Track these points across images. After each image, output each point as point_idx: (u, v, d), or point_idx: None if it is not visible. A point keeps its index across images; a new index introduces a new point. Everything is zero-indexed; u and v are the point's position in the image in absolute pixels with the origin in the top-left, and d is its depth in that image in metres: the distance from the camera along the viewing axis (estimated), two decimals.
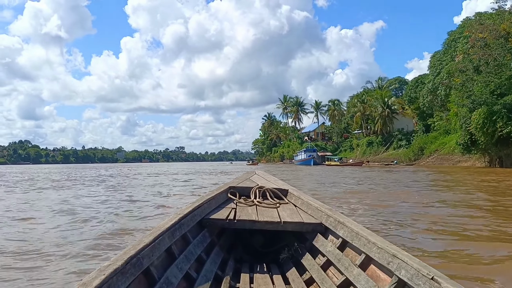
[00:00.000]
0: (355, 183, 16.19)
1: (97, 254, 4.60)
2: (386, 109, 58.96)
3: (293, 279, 2.80)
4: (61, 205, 9.66)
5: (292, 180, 18.15)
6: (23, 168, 77.35)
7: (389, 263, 2.02)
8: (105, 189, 15.17)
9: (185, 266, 2.42)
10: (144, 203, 10.03)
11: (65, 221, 7.08)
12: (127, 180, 22.29)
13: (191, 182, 19.43)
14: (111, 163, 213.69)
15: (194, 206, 3.08)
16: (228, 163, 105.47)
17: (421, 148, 46.10)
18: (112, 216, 7.54)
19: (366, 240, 2.35)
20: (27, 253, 4.70)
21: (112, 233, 5.81)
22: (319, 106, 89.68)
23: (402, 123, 59.66)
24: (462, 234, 5.52)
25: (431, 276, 1.68)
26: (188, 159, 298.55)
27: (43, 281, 3.69)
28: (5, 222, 7.13)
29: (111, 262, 1.72)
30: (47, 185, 18.58)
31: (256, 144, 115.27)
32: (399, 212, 7.61)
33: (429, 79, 42.21)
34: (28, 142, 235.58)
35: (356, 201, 9.74)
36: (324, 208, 3.23)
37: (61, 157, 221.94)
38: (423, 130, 53.39)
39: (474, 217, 6.86)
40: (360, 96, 67.69)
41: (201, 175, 29.19)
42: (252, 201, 3.76)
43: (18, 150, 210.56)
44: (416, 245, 4.85)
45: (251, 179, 4.85)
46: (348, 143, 73.97)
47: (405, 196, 10.70)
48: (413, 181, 16.65)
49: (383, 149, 59.99)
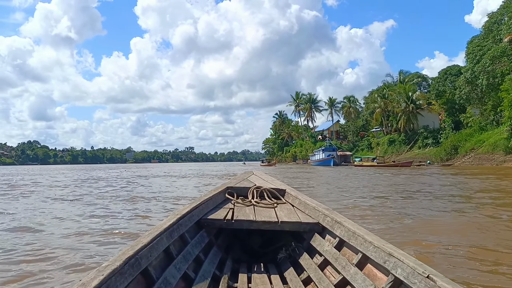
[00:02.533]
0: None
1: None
2: (410, 105, 53.64)
3: (290, 278, 2.79)
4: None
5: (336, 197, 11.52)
6: (25, 169, 73.49)
7: (386, 262, 2.03)
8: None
9: (183, 266, 2.41)
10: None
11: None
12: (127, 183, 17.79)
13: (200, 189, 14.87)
14: (120, 163, 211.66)
15: (192, 207, 3.08)
16: (241, 164, 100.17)
17: (454, 146, 40.83)
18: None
19: (363, 239, 2.34)
20: None
21: None
22: (333, 103, 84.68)
23: (426, 119, 54.26)
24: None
25: (426, 274, 1.68)
26: (198, 159, 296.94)
27: None
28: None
29: (110, 262, 1.72)
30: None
31: (267, 144, 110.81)
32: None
33: (467, 68, 36.83)
34: (37, 142, 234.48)
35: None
36: (321, 208, 3.22)
37: (70, 158, 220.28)
38: (452, 127, 48.24)
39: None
40: (381, 91, 62.06)
41: (213, 178, 24.49)
42: (250, 201, 3.76)
43: (26, 151, 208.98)
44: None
45: (248, 179, 4.78)
46: (366, 142, 68.75)
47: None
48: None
49: (406, 148, 54.78)
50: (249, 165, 78.12)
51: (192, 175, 30.14)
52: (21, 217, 7.85)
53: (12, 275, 3.91)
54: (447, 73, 48.52)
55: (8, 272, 4.01)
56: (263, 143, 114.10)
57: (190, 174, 31.23)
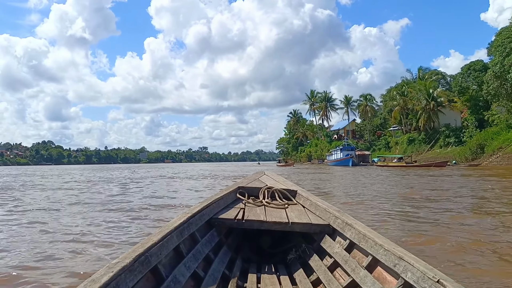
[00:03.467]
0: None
1: None
2: (431, 102, 51.39)
3: (300, 280, 2.75)
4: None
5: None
6: (36, 169, 73.42)
7: (396, 265, 1.99)
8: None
9: (193, 265, 2.38)
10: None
11: None
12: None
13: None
14: (134, 163, 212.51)
15: (203, 206, 3.04)
16: (256, 164, 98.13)
17: (480, 145, 38.65)
18: None
19: (373, 242, 2.29)
20: None
21: None
22: (349, 101, 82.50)
23: (447, 118, 51.89)
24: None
25: (437, 279, 1.65)
26: (211, 159, 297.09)
27: None
28: None
29: (120, 259, 1.70)
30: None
31: (281, 143, 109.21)
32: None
33: (495, 61, 34.63)
34: (51, 142, 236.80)
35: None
36: (332, 210, 3.18)
37: (84, 158, 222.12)
38: (475, 125, 45.95)
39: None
40: (400, 88, 59.77)
41: (228, 180, 23.16)
42: (261, 201, 3.72)
43: (40, 151, 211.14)
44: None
45: (260, 180, 4.75)
46: (383, 141, 66.54)
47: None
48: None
49: (426, 147, 52.57)
50: (263, 165, 76.69)
51: (203, 176, 28.86)
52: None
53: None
54: (470, 69, 46.16)
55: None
56: (277, 142, 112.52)
57: (201, 175, 29.95)
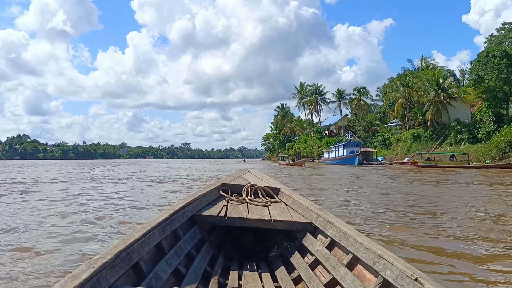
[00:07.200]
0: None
1: None
2: (441, 93, 45.07)
3: (281, 277, 2.75)
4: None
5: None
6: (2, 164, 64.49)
7: (375, 263, 2.00)
8: None
9: (174, 261, 2.37)
10: None
11: None
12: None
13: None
14: (114, 159, 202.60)
15: (186, 202, 3.03)
16: (242, 161, 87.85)
17: (509, 143, 32.42)
18: None
19: (354, 240, 2.31)
20: None
21: None
22: (342, 95, 76.07)
23: (457, 112, 45.51)
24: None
25: (415, 277, 1.66)
26: (194, 155, 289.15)
27: None
28: None
29: (101, 255, 1.68)
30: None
31: (267, 140, 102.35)
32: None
33: None
34: (27, 136, 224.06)
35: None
36: (314, 208, 3.18)
37: (60, 153, 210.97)
38: (492, 119, 39.89)
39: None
40: (403, 78, 53.23)
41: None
42: (244, 199, 3.70)
43: (14, 145, 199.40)
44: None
45: (243, 177, 4.75)
46: (379, 138, 60.26)
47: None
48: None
49: (434, 145, 46.34)
50: (250, 163, 69.40)
51: (181, 179, 21.71)
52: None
53: None
54: (489, 55, 40.00)
55: None
56: (263, 138, 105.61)
57: (178, 178, 22.77)
